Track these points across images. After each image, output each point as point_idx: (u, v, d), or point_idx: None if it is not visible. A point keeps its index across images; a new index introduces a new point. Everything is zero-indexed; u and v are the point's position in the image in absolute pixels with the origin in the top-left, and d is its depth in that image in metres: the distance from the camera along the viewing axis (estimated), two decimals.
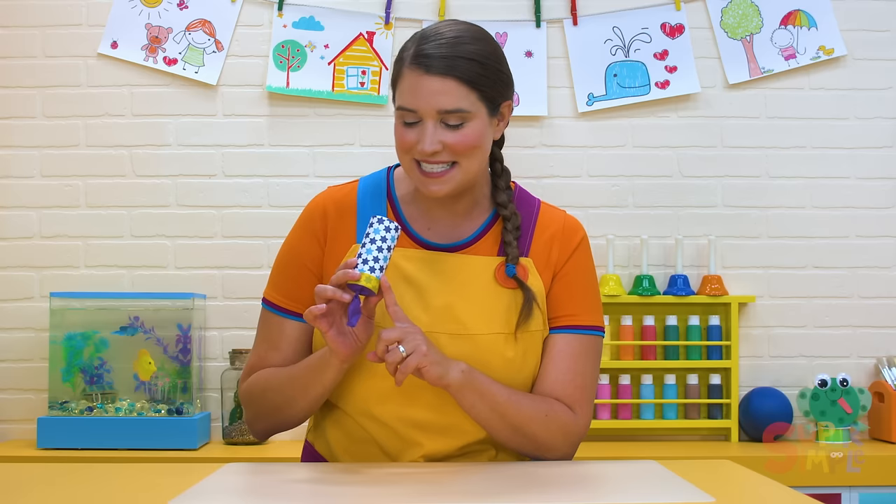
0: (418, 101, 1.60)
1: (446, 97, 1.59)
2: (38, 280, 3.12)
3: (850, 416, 3.02)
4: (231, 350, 3.06)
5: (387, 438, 1.68)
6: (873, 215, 3.20)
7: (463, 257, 1.69)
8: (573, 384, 1.69)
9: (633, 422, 3.07)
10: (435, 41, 1.61)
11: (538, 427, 1.65)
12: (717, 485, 1.53)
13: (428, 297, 1.66)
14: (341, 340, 1.57)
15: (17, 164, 3.14)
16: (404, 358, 1.52)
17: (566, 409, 1.68)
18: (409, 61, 1.62)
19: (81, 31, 3.16)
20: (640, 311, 3.11)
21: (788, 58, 3.19)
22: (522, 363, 1.67)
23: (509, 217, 1.70)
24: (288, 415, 1.71)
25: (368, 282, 1.53)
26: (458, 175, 1.63)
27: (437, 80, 1.59)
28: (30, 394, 3.11)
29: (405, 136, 1.63)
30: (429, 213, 1.72)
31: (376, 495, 1.43)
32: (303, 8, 3.16)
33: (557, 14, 3.19)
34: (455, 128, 1.61)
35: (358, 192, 1.74)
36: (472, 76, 1.60)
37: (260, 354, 1.75)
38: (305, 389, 1.66)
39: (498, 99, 1.66)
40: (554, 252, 1.73)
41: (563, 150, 3.19)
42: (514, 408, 1.63)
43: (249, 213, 3.15)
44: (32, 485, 1.54)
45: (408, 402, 1.65)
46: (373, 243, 1.55)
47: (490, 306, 1.67)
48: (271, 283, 1.76)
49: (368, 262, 1.54)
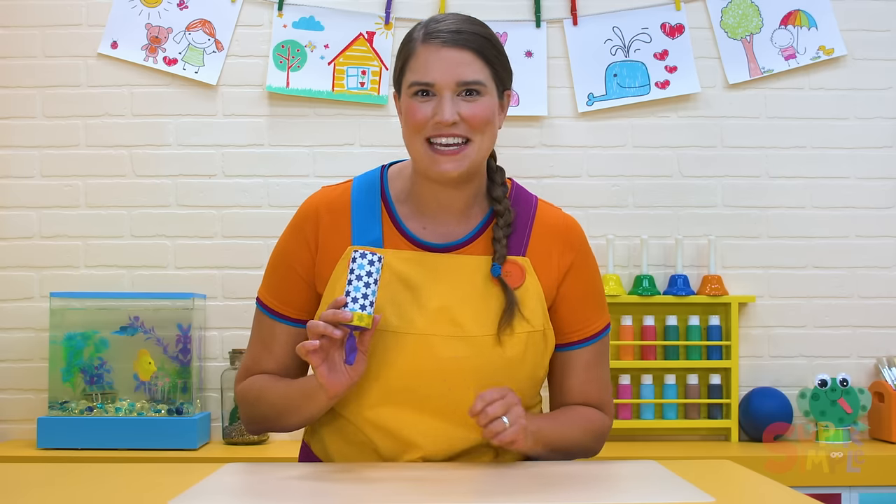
0: (436, 73, 1.61)
1: (466, 68, 1.62)
2: (38, 280, 3.12)
3: (850, 416, 3.02)
4: (231, 350, 3.06)
5: (384, 442, 1.68)
6: (873, 215, 3.20)
7: (458, 257, 1.69)
8: (598, 388, 1.77)
9: (633, 422, 3.07)
10: (444, 22, 1.65)
11: (584, 444, 1.75)
12: (717, 485, 1.53)
13: (423, 299, 1.65)
14: (332, 377, 1.57)
15: (17, 164, 3.14)
16: (505, 428, 1.57)
17: (598, 414, 1.77)
18: (422, 39, 1.64)
19: (81, 31, 3.16)
20: (640, 311, 3.11)
21: (788, 58, 3.19)
22: (522, 362, 1.67)
23: (502, 213, 1.70)
24: (279, 426, 1.73)
25: (361, 320, 1.54)
26: (472, 153, 1.63)
27: (455, 51, 1.62)
28: (30, 394, 3.11)
29: (419, 113, 1.62)
30: (424, 211, 1.71)
31: (376, 495, 1.43)
32: (303, 8, 3.16)
33: (557, 14, 3.19)
34: (471, 101, 1.62)
35: (352, 191, 1.73)
36: (485, 51, 1.64)
37: (254, 355, 1.76)
38: (295, 411, 1.68)
39: (506, 81, 1.69)
40: (555, 256, 1.72)
41: (563, 150, 3.19)
42: (566, 442, 1.71)
43: (249, 213, 3.15)
44: (32, 485, 1.54)
45: (406, 406, 1.65)
46: (359, 280, 1.55)
47: (486, 307, 1.66)
48: (264, 283, 1.77)
49: (358, 301, 1.54)
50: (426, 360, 1.63)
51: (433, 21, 1.66)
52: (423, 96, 1.63)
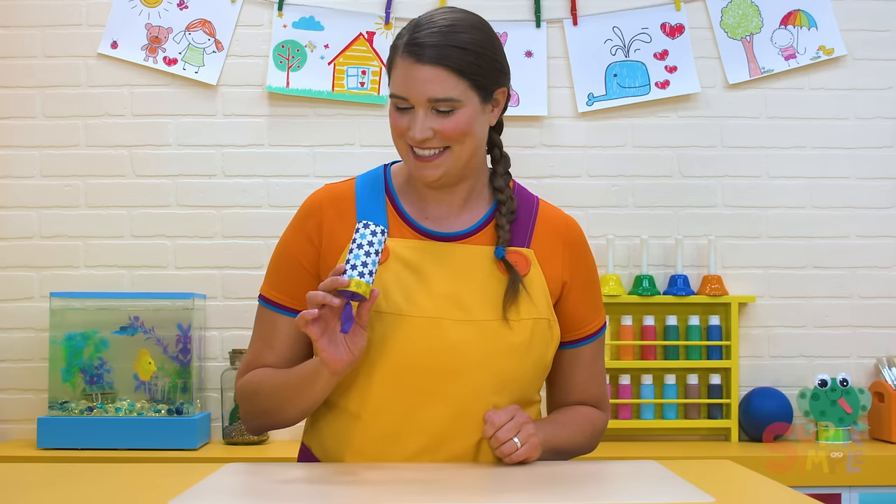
0: (409, 90, 1.62)
1: (436, 86, 1.61)
2: (38, 280, 3.12)
3: (850, 416, 3.02)
4: (231, 350, 3.06)
5: (384, 429, 1.67)
6: (873, 215, 3.20)
7: (463, 246, 1.70)
8: (596, 385, 1.82)
9: (633, 422, 3.07)
10: (428, 29, 1.63)
11: (585, 445, 1.79)
12: (717, 485, 1.53)
13: (431, 284, 1.66)
14: (332, 350, 1.57)
15: (17, 164, 3.14)
16: (517, 449, 1.60)
17: (597, 413, 1.82)
18: (401, 49, 1.65)
19: (81, 31, 3.16)
20: (640, 311, 3.11)
21: (788, 58, 3.19)
22: (527, 350, 1.67)
23: (504, 201, 1.72)
24: (279, 419, 1.72)
25: (358, 287, 1.53)
26: (450, 160, 1.65)
27: (428, 68, 1.61)
28: (30, 394, 3.11)
29: (398, 123, 1.66)
30: (424, 203, 1.73)
31: (376, 495, 1.43)
32: (303, 8, 3.16)
33: (557, 14, 3.19)
34: (445, 115, 1.63)
35: (356, 186, 1.75)
36: (462, 65, 1.62)
37: (256, 351, 1.76)
38: (295, 398, 1.67)
39: (491, 87, 1.67)
40: (558, 252, 1.74)
41: (563, 150, 3.19)
42: (572, 445, 1.75)
43: (249, 213, 3.15)
44: (32, 485, 1.54)
45: (410, 391, 1.64)
46: (360, 248, 1.55)
47: (493, 293, 1.67)
48: (266, 279, 1.77)
49: (357, 268, 1.54)
50: (434, 339, 1.63)
51: (417, 26, 1.65)
52: (401, 109, 1.65)
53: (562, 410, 1.81)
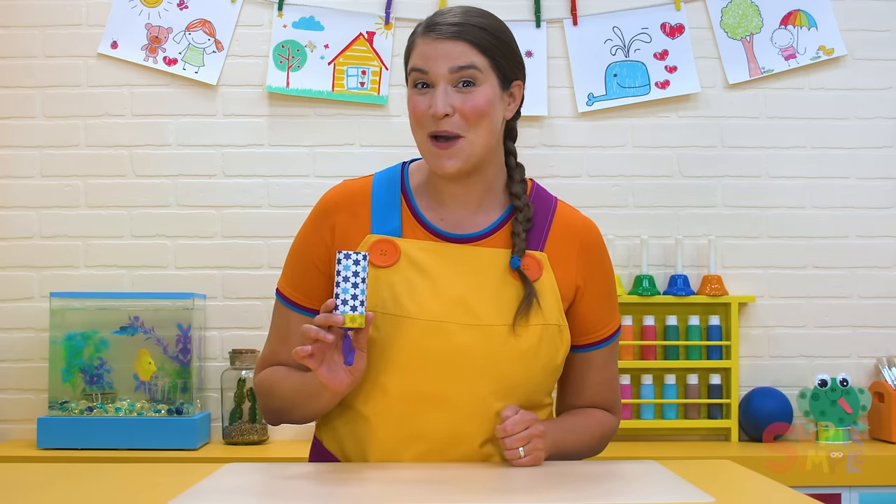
0: (430, 62, 1.64)
1: (458, 56, 1.63)
2: (38, 280, 3.12)
3: (850, 416, 3.02)
4: (231, 350, 3.06)
5: (389, 431, 1.67)
6: (873, 215, 3.20)
7: (476, 249, 1.71)
8: (609, 390, 1.83)
9: (633, 422, 3.07)
10: (447, 15, 1.68)
11: (593, 447, 1.79)
12: (717, 485, 1.53)
13: (441, 288, 1.66)
14: (332, 376, 1.58)
15: (17, 164, 3.14)
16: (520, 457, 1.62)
17: (609, 417, 1.83)
18: (421, 32, 1.68)
19: (81, 31, 3.16)
20: (640, 311, 3.11)
21: (788, 58, 3.19)
22: (535, 356, 1.67)
23: (521, 208, 1.72)
24: (292, 418, 1.75)
25: (353, 322, 1.54)
26: (466, 148, 1.65)
27: (450, 42, 1.64)
28: (30, 394, 3.11)
29: (418, 105, 1.66)
30: (440, 203, 1.73)
31: (377, 495, 1.43)
32: (303, 8, 3.16)
33: (557, 14, 3.19)
34: (465, 93, 1.64)
35: (373, 183, 1.76)
36: (482, 42, 1.65)
37: (272, 346, 1.79)
38: (303, 405, 1.70)
39: (509, 74, 1.69)
40: (573, 255, 1.74)
41: (563, 150, 3.19)
42: (581, 448, 1.76)
43: (249, 213, 3.15)
44: (32, 485, 1.54)
45: (416, 394, 1.65)
46: (346, 281, 1.55)
47: (503, 298, 1.67)
48: (283, 273, 1.79)
49: (348, 302, 1.54)
50: (441, 342, 1.63)
51: (437, 14, 1.69)
52: (422, 87, 1.66)
53: (573, 412, 1.81)
